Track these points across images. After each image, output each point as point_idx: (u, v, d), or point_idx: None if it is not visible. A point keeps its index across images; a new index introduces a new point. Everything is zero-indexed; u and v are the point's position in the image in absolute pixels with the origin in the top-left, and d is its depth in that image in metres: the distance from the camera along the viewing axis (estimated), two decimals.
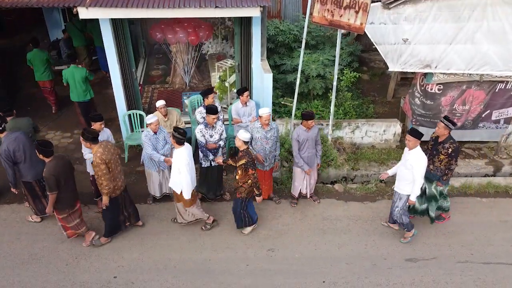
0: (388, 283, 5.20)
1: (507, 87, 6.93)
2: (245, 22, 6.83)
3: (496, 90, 6.94)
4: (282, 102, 7.74)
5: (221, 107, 6.80)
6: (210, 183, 6.27)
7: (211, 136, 5.89)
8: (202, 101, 6.55)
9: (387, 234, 5.96)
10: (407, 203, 5.48)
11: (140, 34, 10.47)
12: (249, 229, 5.91)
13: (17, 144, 5.48)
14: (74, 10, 5.85)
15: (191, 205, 5.63)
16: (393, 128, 7.63)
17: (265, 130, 5.82)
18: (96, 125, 5.77)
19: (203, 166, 6.13)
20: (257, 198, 5.52)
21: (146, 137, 5.86)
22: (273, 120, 7.50)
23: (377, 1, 7.63)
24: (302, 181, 6.26)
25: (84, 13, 5.88)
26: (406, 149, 5.32)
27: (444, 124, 5.35)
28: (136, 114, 7.30)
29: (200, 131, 5.86)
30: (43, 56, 8.33)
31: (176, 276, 5.26)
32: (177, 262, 5.46)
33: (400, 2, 7.40)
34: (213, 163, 6.06)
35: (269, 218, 6.23)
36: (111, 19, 6.30)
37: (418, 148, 5.18)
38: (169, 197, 6.46)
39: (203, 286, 5.12)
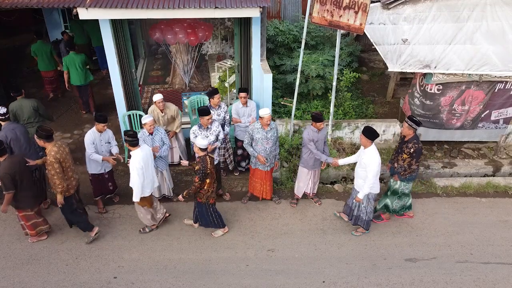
0: (388, 283, 5.20)
1: (506, 87, 6.93)
2: (245, 23, 6.83)
3: (495, 90, 6.94)
4: (282, 102, 7.74)
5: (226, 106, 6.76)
6: None
7: (206, 137, 5.86)
8: (208, 101, 6.52)
9: (386, 234, 5.97)
10: (355, 200, 5.61)
11: (140, 35, 10.47)
12: (219, 232, 5.89)
13: (15, 134, 5.75)
14: (74, 11, 5.85)
15: (143, 206, 5.61)
16: (393, 128, 7.64)
17: (265, 130, 5.82)
18: (99, 126, 5.77)
19: None
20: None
21: (140, 138, 5.84)
22: (273, 120, 7.51)
23: (376, 2, 7.65)
24: (308, 182, 6.27)
25: (84, 13, 5.88)
26: (362, 147, 5.41)
27: (408, 124, 5.45)
28: (136, 114, 7.30)
29: (193, 132, 5.84)
30: (46, 47, 8.90)
31: (176, 276, 5.26)
32: (177, 262, 5.46)
33: (399, 2, 7.43)
34: None
35: (269, 218, 6.24)
36: (111, 19, 6.30)
37: (373, 147, 5.26)
38: (168, 198, 6.47)
39: (203, 287, 5.13)
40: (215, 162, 6.07)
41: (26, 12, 12.04)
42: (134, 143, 5.22)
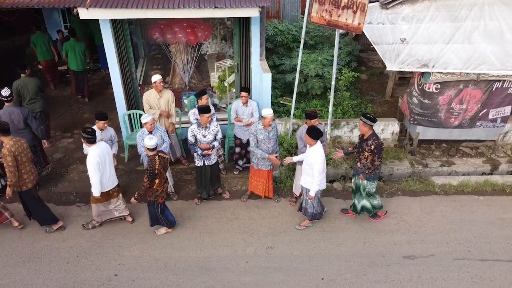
0: (386, 280, 5.25)
1: (504, 86, 6.98)
2: (244, 22, 6.88)
3: (493, 89, 7.00)
4: (281, 102, 7.79)
5: (216, 105, 6.81)
6: (206, 182, 6.28)
7: (204, 136, 5.87)
8: (196, 102, 6.59)
9: (385, 231, 6.02)
10: (308, 198, 5.68)
11: (140, 34, 10.50)
12: (162, 230, 5.91)
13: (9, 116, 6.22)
14: (74, 10, 5.90)
15: (96, 202, 5.67)
16: (391, 127, 7.68)
17: (267, 130, 5.87)
18: (99, 124, 5.86)
19: (197, 165, 6.12)
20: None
21: (140, 136, 5.91)
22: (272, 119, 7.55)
23: (375, 1, 7.69)
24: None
25: (84, 13, 5.93)
26: (307, 145, 5.50)
27: (363, 121, 5.51)
28: (136, 113, 7.34)
29: (192, 131, 5.87)
30: (44, 38, 9.57)
31: (176, 274, 5.30)
32: (178, 260, 5.51)
33: (398, 2, 7.46)
34: (206, 162, 6.07)
35: (269, 217, 6.28)
36: (111, 19, 6.34)
37: (317, 146, 5.37)
38: (168, 196, 6.50)
39: (203, 284, 5.17)
40: (213, 162, 6.12)
41: (27, 12, 12.09)
42: (91, 140, 5.33)
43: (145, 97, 6.68)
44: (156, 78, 6.50)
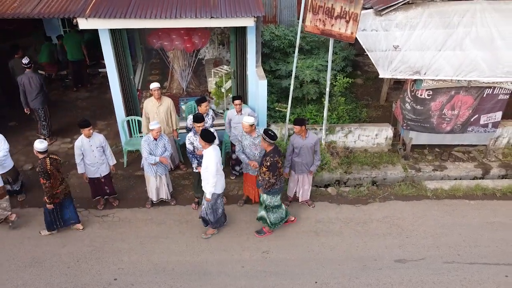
0: (378, 283, 5.41)
1: (494, 92, 7.13)
2: (241, 31, 7.02)
3: (484, 95, 7.15)
4: (277, 108, 7.94)
5: (214, 111, 6.92)
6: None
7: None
8: (193, 108, 6.72)
9: (377, 235, 6.18)
10: (206, 201, 5.77)
11: (138, 40, 10.64)
12: (46, 232, 6.03)
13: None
14: (74, 21, 6.03)
15: None
16: (385, 132, 7.83)
17: (252, 137, 6.02)
18: (84, 131, 5.89)
19: (194, 170, 6.25)
20: (47, 205, 5.71)
21: (145, 141, 6.05)
22: (268, 125, 7.70)
23: (369, 8, 7.83)
24: (296, 183, 6.49)
25: (84, 23, 6.07)
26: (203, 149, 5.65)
27: (262, 137, 5.53)
28: (135, 120, 7.48)
29: (189, 139, 6.02)
30: (42, 38, 10.35)
31: (174, 278, 5.46)
32: (175, 264, 5.67)
33: (391, 8, 7.59)
34: None
35: None
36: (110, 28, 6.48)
37: (210, 149, 5.49)
38: (166, 201, 6.66)
39: None
40: None
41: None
42: None
43: (145, 104, 6.82)
44: (153, 86, 6.65)
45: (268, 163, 5.51)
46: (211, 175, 5.50)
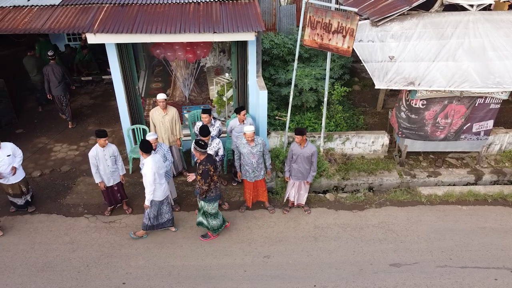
0: (374, 287, 5.69)
1: (486, 102, 7.42)
2: (242, 43, 7.28)
3: (476, 105, 7.43)
4: (277, 117, 8.21)
5: (215, 118, 7.19)
6: None
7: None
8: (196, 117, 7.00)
9: (373, 240, 6.46)
10: (145, 208, 6.04)
11: (141, 48, 10.90)
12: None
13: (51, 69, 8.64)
14: (83, 36, 6.29)
15: None
16: (381, 140, 8.11)
17: (250, 146, 6.30)
18: (100, 141, 6.15)
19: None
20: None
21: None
22: (268, 133, 7.97)
23: (366, 19, 8.09)
24: (291, 188, 6.80)
25: (92, 38, 6.33)
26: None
27: (194, 147, 5.73)
28: (140, 128, 7.75)
29: (194, 147, 6.28)
30: (49, 45, 10.62)
31: (179, 282, 5.73)
32: (180, 269, 5.94)
33: (387, 20, 7.86)
34: None
35: (265, 227, 6.71)
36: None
37: (149, 159, 5.75)
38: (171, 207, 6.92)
39: None
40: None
41: None
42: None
43: (151, 113, 7.09)
44: (159, 97, 6.92)
45: (200, 171, 5.74)
46: (149, 183, 5.77)
